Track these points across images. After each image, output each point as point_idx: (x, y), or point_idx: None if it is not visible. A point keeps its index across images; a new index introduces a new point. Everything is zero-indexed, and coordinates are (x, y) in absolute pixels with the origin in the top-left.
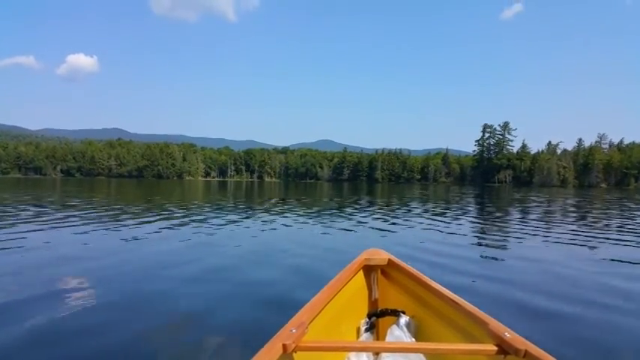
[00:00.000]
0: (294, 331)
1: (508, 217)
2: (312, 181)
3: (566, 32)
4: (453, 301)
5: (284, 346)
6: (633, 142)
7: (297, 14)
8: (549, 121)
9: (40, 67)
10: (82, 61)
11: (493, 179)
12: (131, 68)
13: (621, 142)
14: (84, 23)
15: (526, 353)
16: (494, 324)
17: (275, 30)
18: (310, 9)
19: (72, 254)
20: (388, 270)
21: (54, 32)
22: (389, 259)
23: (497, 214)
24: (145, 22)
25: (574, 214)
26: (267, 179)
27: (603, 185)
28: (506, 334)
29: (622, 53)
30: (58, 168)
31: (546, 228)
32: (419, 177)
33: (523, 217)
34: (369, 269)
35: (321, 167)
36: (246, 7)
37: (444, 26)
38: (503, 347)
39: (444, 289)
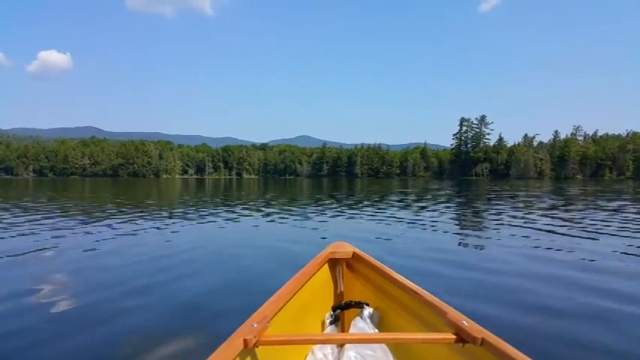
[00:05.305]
0: (255, 325)
1: (479, 210)
2: (291, 177)
3: (543, 24)
4: (414, 291)
5: (245, 341)
6: (607, 134)
7: (273, 8)
8: (526, 115)
9: (10, 65)
10: (54, 57)
11: (470, 172)
12: (106, 65)
13: (595, 133)
14: (56, 18)
15: (483, 341)
16: (453, 313)
17: (252, 25)
18: (286, 3)
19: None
20: (353, 263)
21: (24, 28)
22: (354, 252)
23: (471, 206)
24: (119, 17)
25: (544, 206)
26: (245, 176)
27: (579, 177)
28: (464, 322)
29: (597, 45)
30: (30, 168)
31: (514, 219)
32: (398, 171)
33: (494, 210)
34: (334, 262)
35: (300, 163)
36: (222, 1)
37: (421, 20)
38: (461, 336)
39: (406, 280)
